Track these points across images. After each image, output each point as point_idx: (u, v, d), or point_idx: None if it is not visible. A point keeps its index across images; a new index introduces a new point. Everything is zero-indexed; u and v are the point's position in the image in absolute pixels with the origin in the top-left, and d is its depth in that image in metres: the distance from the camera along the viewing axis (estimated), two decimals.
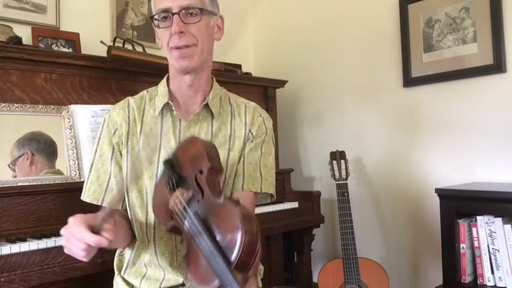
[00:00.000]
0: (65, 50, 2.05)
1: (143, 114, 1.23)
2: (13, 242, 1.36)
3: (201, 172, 1.00)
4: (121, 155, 1.21)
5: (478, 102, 2.03)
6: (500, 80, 1.96)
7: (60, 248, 1.40)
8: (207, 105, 1.22)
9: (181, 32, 1.12)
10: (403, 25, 2.25)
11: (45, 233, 1.46)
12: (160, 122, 1.22)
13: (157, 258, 1.19)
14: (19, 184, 1.54)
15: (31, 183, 1.56)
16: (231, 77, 2.31)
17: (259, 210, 1.99)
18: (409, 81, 2.24)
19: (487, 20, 1.97)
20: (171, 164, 1.04)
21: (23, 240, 1.39)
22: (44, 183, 1.58)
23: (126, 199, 1.21)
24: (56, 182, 1.60)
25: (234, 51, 2.86)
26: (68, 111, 1.70)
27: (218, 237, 0.87)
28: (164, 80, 1.27)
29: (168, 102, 1.21)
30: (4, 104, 1.58)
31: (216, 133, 1.22)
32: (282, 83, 2.55)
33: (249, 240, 0.83)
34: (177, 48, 1.14)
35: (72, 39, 2.09)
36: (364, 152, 2.45)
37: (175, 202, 0.98)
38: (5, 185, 1.51)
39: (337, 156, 2.24)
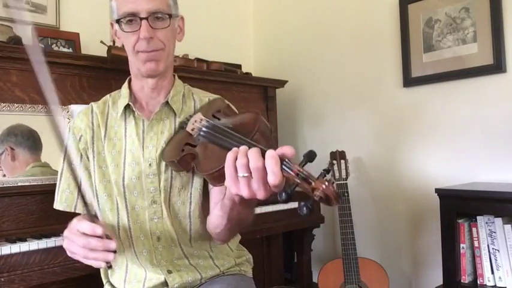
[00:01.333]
0: (65, 50, 2.05)
1: (107, 119, 1.23)
2: (13, 242, 1.36)
3: (218, 111, 1.15)
4: (88, 160, 1.22)
5: (478, 102, 2.03)
6: (500, 80, 1.96)
7: (60, 248, 1.40)
8: (167, 103, 1.22)
9: (151, 38, 1.12)
10: (403, 25, 2.25)
11: (45, 233, 1.46)
12: (124, 125, 1.22)
13: (137, 258, 1.19)
14: (19, 184, 1.54)
15: (31, 183, 1.56)
16: (231, 77, 2.31)
17: (259, 210, 1.99)
18: (409, 81, 2.24)
19: (487, 20, 1.96)
20: (181, 122, 1.21)
21: (23, 240, 1.39)
22: (44, 183, 1.58)
23: (96, 203, 1.20)
24: (56, 182, 1.60)
25: (234, 51, 2.86)
26: (68, 111, 1.70)
27: (233, 129, 0.99)
28: (126, 83, 1.27)
29: (129, 104, 1.21)
30: (4, 104, 1.57)
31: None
32: (282, 83, 2.54)
33: (262, 124, 0.99)
34: (144, 52, 1.14)
35: (72, 39, 2.09)
36: (364, 152, 2.45)
37: (196, 126, 1.11)
38: (5, 185, 1.51)
39: (337, 156, 2.24)
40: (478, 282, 1.73)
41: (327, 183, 0.79)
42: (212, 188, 1.19)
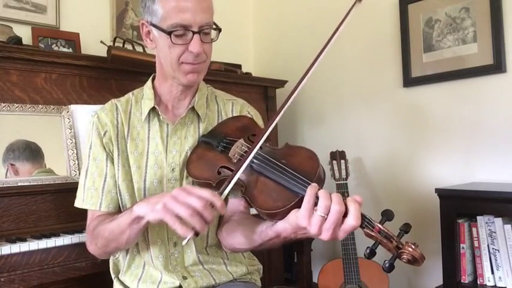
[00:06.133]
0: (65, 50, 2.05)
1: (129, 118, 1.22)
2: (13, 242, 1.36)
3: (253, 135, 1.10)
4: (113, 156, 1.20)
5: (478, 102, 2.03)
6: (500, 80, 1.96)
7: (60, 248, 1.41)
8: (193, 108, 1.21)
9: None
10: (403, 25, 2.25)
11: (45, 233, 1.46)
12: (148, 126, 1.21)
13: (152, 261, 1.18)
14: (19, 184, 1.54)
15: (31, 183, 1.56)
16: (231, 77, 2.31)
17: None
18: (409, 81, 2.24)
19: (487, 20, 1.96)
20: (209, 137, 1.16)
21: (23, 240, 1.38)
22: (44, 183, 1.58)
23: (120, 202, 1.20)
24: (56, 182, 1.60)
25: (234, 51, 2.86)
26: (68, 111, 1.70)
27: (291, 167, 0.95)
28: (149, 82, 1.25)
29: (154, 107, 1.20)
30: (4, 104, 1.58)
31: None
32: (282, 83, 2.55)
33: (321, 169, 0.96)
34: (189, 64, 1.12)
35: (72, 39, 2.09)
36: (364, 152, 2.45)
37: (237, 151, 1.06)
38: (5, 185, 1.51)
39: (337, 156, 2.24)
40: (478, 282, 1.73)
41: (413, 246, 0.89)
42: (230, 198, 1.18)
